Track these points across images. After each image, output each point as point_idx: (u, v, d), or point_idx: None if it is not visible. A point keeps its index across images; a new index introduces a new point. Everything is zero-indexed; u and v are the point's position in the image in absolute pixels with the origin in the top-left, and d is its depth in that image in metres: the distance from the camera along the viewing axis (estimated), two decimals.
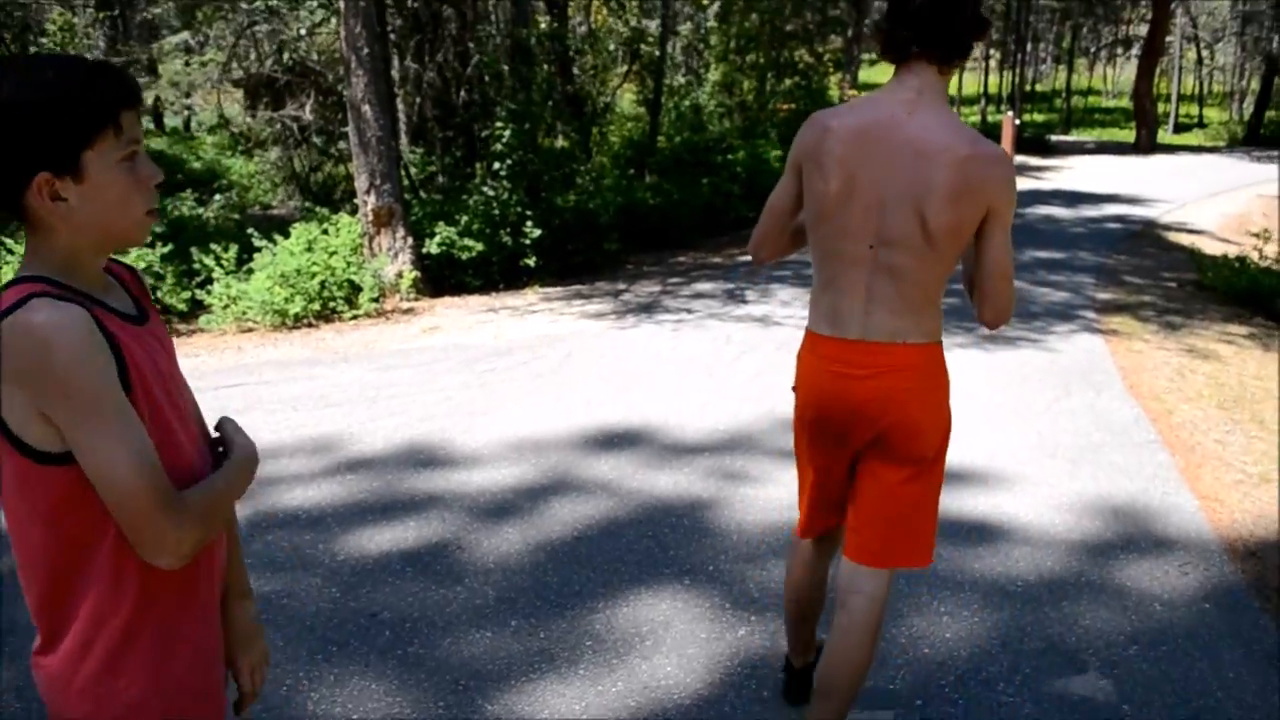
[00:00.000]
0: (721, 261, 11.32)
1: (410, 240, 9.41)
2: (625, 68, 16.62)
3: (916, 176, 2.16)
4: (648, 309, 8.60)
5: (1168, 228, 15.82)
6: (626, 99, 19.27)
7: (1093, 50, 48.86)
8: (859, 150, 2.21)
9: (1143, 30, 35.99)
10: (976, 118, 37.01)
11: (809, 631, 2.84)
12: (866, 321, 2.28)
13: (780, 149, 16.29)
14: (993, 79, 42.37)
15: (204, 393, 6.13)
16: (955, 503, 4.47)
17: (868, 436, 2.35)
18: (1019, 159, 25.97)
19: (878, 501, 2.41)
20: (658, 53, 15.45)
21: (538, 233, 9.96)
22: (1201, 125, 39.94)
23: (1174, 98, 40.87)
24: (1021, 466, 5.07)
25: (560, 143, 15.52)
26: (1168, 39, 36.84)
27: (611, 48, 16.53)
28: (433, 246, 9.62)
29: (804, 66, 19.11)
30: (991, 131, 28.54)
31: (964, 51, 2.23)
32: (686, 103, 17.37)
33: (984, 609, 3.68)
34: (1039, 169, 24.31)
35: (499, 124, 10.21)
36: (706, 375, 6.53)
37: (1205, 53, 46.70)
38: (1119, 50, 50.73)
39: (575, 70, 16.23)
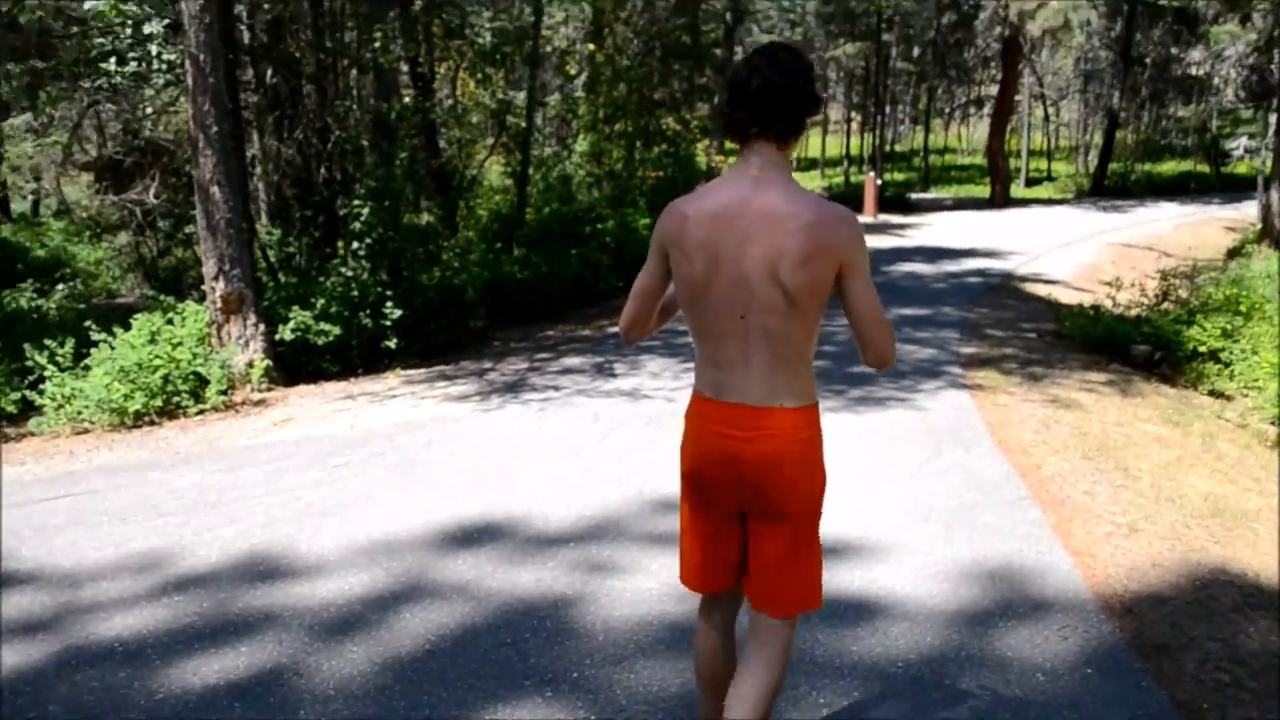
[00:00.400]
0: (590, 334, 11.14)
1: (262, 327, 8.97)
2: (492, 140, 16.47)
3: (770, 246, 2.33)
4: (514, 388, 8.33)
5: (1025, 279, 16.31)
6: (495, 171, 19.14)
7: (947, 110, 50.93)
8: (716, 231, 2.37)
9: (993, 90, 37.66)
10: (840, 179, 38.11)
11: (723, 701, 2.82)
12: (745, 387, 2.44)
13: (649, 216, 16.31)
14: (854, 141, 43.82)
15: (23, 508, 5.66)
16: (833, 578, 4.26)
17: (749, 494, 2.50)
18: (882, 218, 26.70)
19: (767, 556, 2.57)
20: (524, 124, 15.33)
21: (398, 313, 9.63)
22: (1051, 179, 41.82)
23: (1024, 153, 42.77)
24: (897, 534, 4.94)
25: (425, 219, 15.27)
26: (1016, 98, 38.65)
27: (475, 120, 16.38)
28: (286, 332, 9.19)
29: (671, 134, 19.28)
30: (856, 191, 29.34)
31: (799, 129, 2.42)
32: (555, 173, 17.31)
33: (865, 695, 3.49)
34: (901, 227, 24.98)
35: (357, 202, 9.88)
36: (573, 457, 6.28)
37: (1051, 110, 49.15)
38: (972, 110, 53.03)
39: (442, 144, 16.05)
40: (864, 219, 26.19)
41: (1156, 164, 43.08)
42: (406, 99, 14.90)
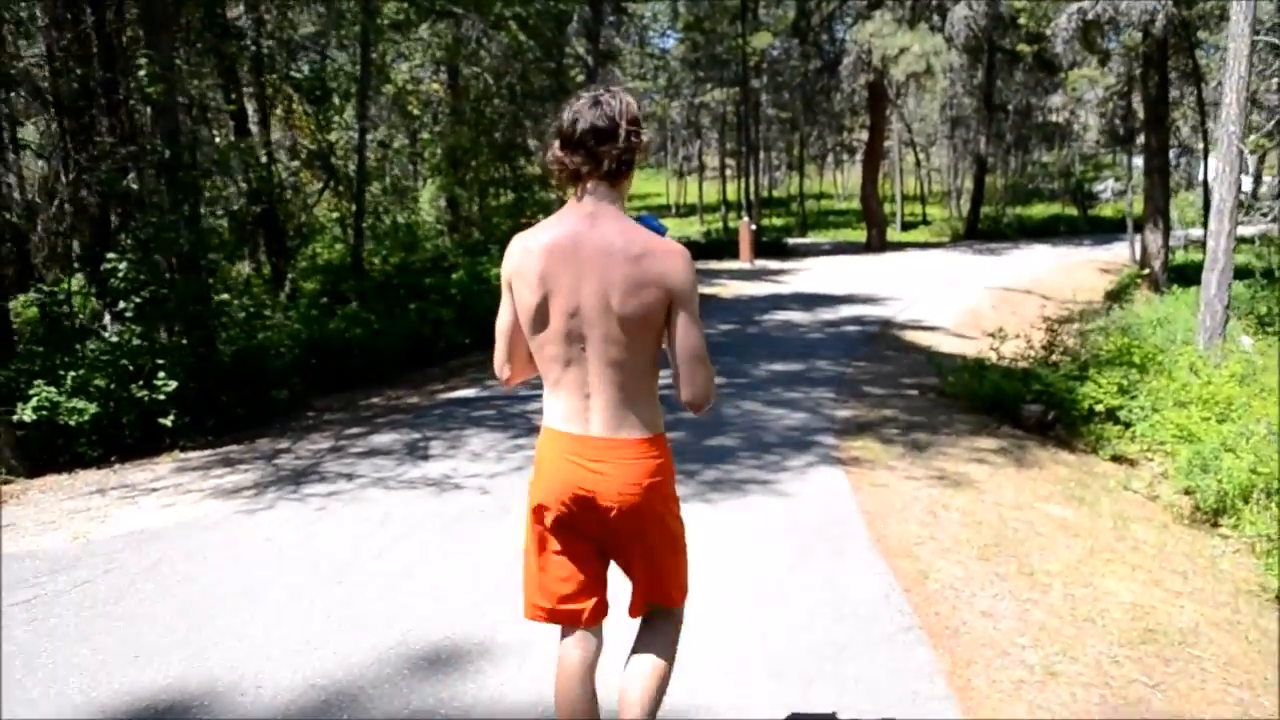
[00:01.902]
0: (419, 401, 9.65)
1: None
2: (320, 185, 14.93)
3: (603, 277, 2.41)
4: (300, 477, 6.81)
5: (905, 326, 15.44)
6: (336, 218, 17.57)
7: (820, 156, 51.06)
8: (553, 264, 2.43)
9: (864, 136, 37.56)
10: (719, 224, 37.44)
11: None
12: (592, 418, 2.49)
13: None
14: (732, 186, 43.33)
15: None
16: None
17: (605, 523, 2.54)
18: (759, 263, 25.86)
19: (645, 559, 2.66)
20: (355, 167, 13.84)
21: (172, 385, 8.01)
22: (926, 223, 42.00)
23: (898, 198, 42.93)
24: (736, 698, 3.62)
25: (245, 270, 13.62)
26: (887, 143, 38.68)
27: (295, 163, 14.83)
28: (27, 412, 7.50)
29: (527, 179, 18.00)
30: (733, 237, 28.56)
31: (628, 168, 2.49)
32: (393, 220, 15.86)
33: None
34: (778, 272, 24.13)
35: (112, 256, 8.25)
36: (333, 583, 4.81)
37: (922, 155, 49.70)
38: (845, 156, 53.35)
39: (274, 189, 14.46)
40: (740, 265, 25.34)
41: (1026, 207, 43.74)
42: (219, 139, 13.36)
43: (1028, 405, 8.57)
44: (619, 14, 32.76)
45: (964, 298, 19.62)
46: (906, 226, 40.49)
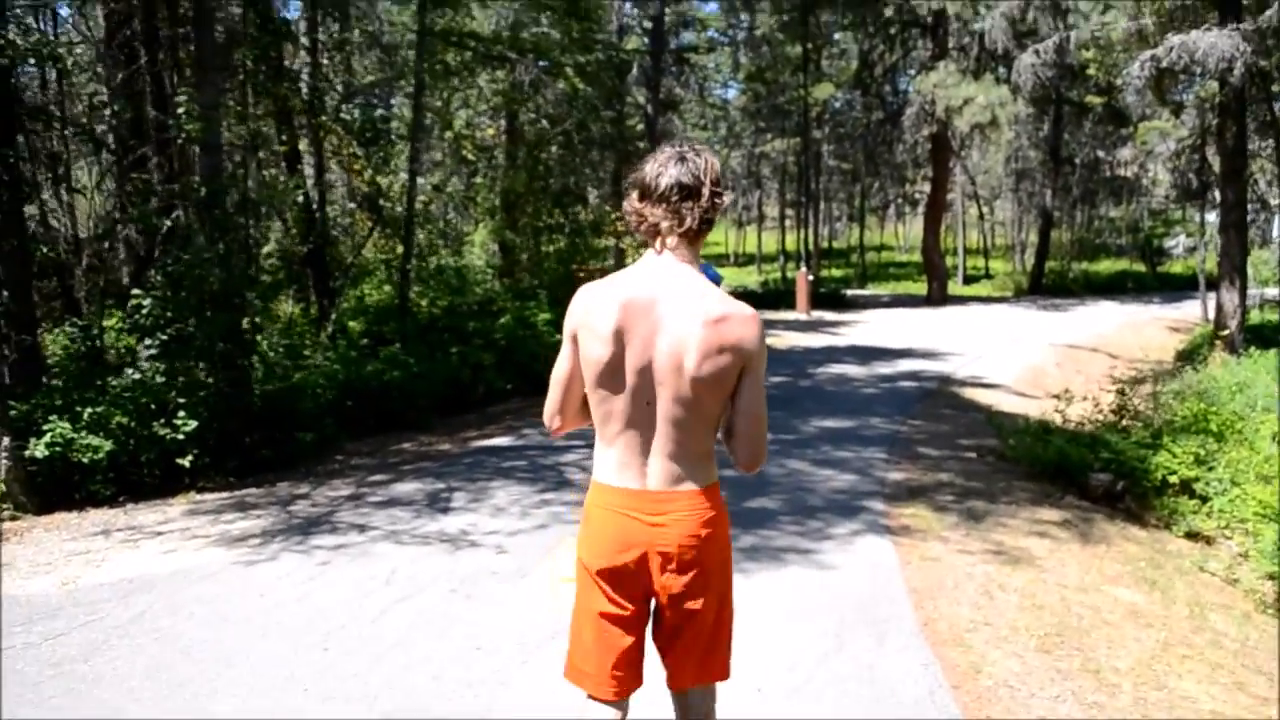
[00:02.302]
0: (451, 448, 9.30)
1: (5, 441, 7.07)
2: (369, 226, 14.78)
3: (678, 337, 2.38)
4: (312, 526, 6.45)
5: (964, 383, 14.83)
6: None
7: (881, 209, 50.50)
8: (626, 318, 2.39)
9: (926, 188, 36.99)
10: (777, 274, 37.02)
11: None
12: (650, 473, 2.45)
13: (551, 311, 14.65)
14: (791, 237, 42.94)
15: None
16: None
17: (661, 578, 2.47)
18: (816, 314, 25.37)
19: (693, 628, 2.53)
20: (404, 209, 13.65)
21: (192, 424, 7.74)
22: (989, 276, 41.18)
23: (960, 251, 42.17)
24: None
25: (289, 309, 13.46)
26: (950, 195, 38.05)
27: (350, 205, 14.71)
28: (39, 448, 7.26)
29: (581, 226, 17.71)
30: (790, 287, 28.16)
31: (708, 225, 2.47)
32: (440, 262, 15.65)
33: None
34: (835, 324, 23.61)
35: (137, 292, 8.04)
36: (319, 650, 4.41)
37: (986, 209, 48.90)
38: (907, 209, 52.77)
39: (322, 229, 14.34)
40: (796, 315, 24.88)
41: (1093, 263, 42.75)
42: (268, 179, 13.28)
43: (1095, 474, 7.97)
44: (680, 64, 32.75)
45: (1027, 355, 18.94)
46: (969, 280, 39.70)
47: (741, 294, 29.76)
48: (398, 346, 12.19)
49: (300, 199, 13.03)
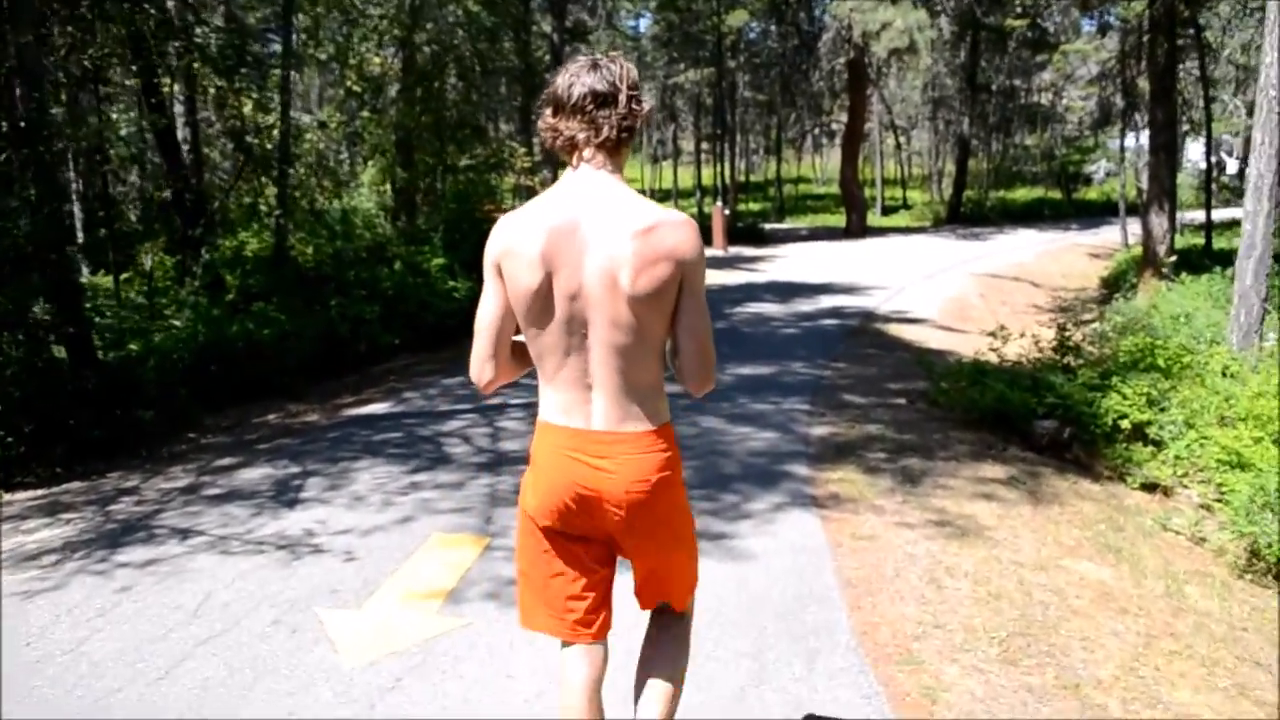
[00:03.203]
0: (319, 419, 8.18)
1: None
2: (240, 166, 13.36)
3: (609, 254, 2.18)
4: (126, 533, 5.33)
5: (887, 319, 14.06)
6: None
7: (799, 140, 49.59)
8: (552, 243, 2.20)
9: (844, 120, 36.10)
10: (695, 209, 35.99)
11: None
12: (594, 410, 2.27)
13: (444, 257, 13.46)
14: (708, 172, 41.85)
15: None
16: None
17: (611, 523, 2.32)
18: (733, 250, 24.48)
19: (653, 561, 2.44)
20: (271, 146, 12.29)
21: None
22: (907, 207, 40.69)
23: (879, 182, 41.56)
24: None
25: (154, 263, 12.09)
26: (867, 126, 37.23)
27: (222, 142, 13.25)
28: None
29: (478, 162, 16.43)
30: (705, 223, 27.23)
31: (629, 134, 2.28)
32: (331, 205, 14.34)
33: None
34: (753, 260, 22.73)
35: None
36: None
37: (903, 139, 48.32)
38: (824, 140, 51.91)
39: (186, 171, 12.91)
40: (713, 252, 23.91)
41: (1009, 191, 42.51)
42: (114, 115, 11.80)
43: (1040, 421, 7.17)
44: None
45: (949, 286, 18.30)
46: (887, 211, 39.15)
47: None
48: (270, 302, 10.95)
49: (148, 137, 11.58)
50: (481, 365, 2.36)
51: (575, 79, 2.26)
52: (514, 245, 2.24)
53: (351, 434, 7.38)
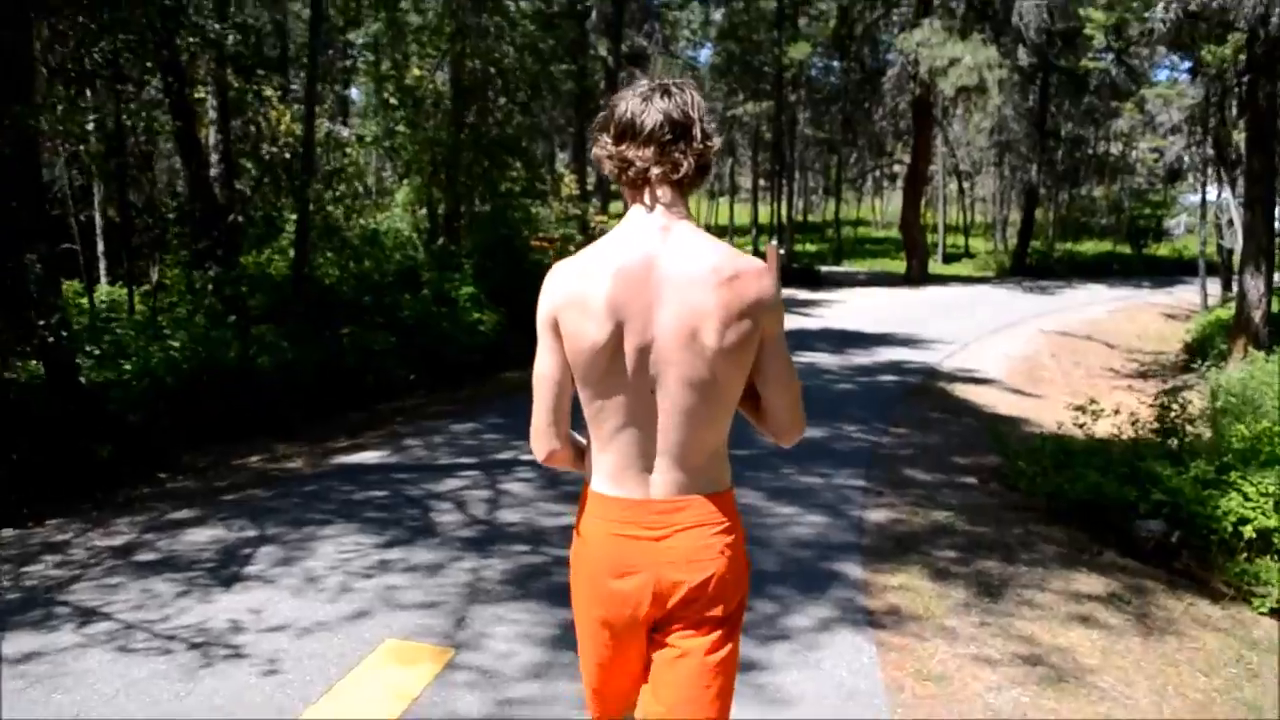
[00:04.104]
0: (300, 467, 7.20)
1: None
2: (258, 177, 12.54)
3: (686, 305, 1.95)
4: (24, 608, 4.36)
5: (951, 377, 12.89)
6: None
7: (859, 181, 48.43)
8: (623, 290, 1.95)
9: (906, 160, 34.95)
10: (749, 248, 35.00)
11: None
12: (654, 477, 2.03)
13: (474, 286, 12.54)
14: (764, 209, 40.88)
15: None
16: None
17: (667, 603, 2.04)
18: (787, 293, 23.32)
19: (688, 679, 2.06)
20: (290, 156, 11.46)
21: None
22: (969, 255, 39.37)
23: (941, 228, 40.28)
24: None
25: (156, 276, 11.28)
26: (931, 168, 36.06)
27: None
28: None
29: (514, 185, 15.50)
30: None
31: (703, 173, 2.05)
32: (353, 225, 13.51)
33: None
34: (806, 304, 21.65)
35: None
36: None
37: (966, 184, 47.01)
38: (886, 182, 50.75)
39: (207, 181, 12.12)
40: None
41: (1076, 243, 41.06)
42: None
43: (1143, 522, 5.98)
44: (647, 18, 30.40)
45: (1018, 343, 17.10)
46: (949, 258, 37.87)
47: None
48: (278, 326, 10.06)
49: (158, 140, 10.77)
50: (544, 434, 2.10)
51: (647, 104, 2.01)
52: (576, 294, 1.99)
53: (331, 489, 6.38)
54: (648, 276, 1.97)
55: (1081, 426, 7.77)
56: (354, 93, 23.81)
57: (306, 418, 8.76)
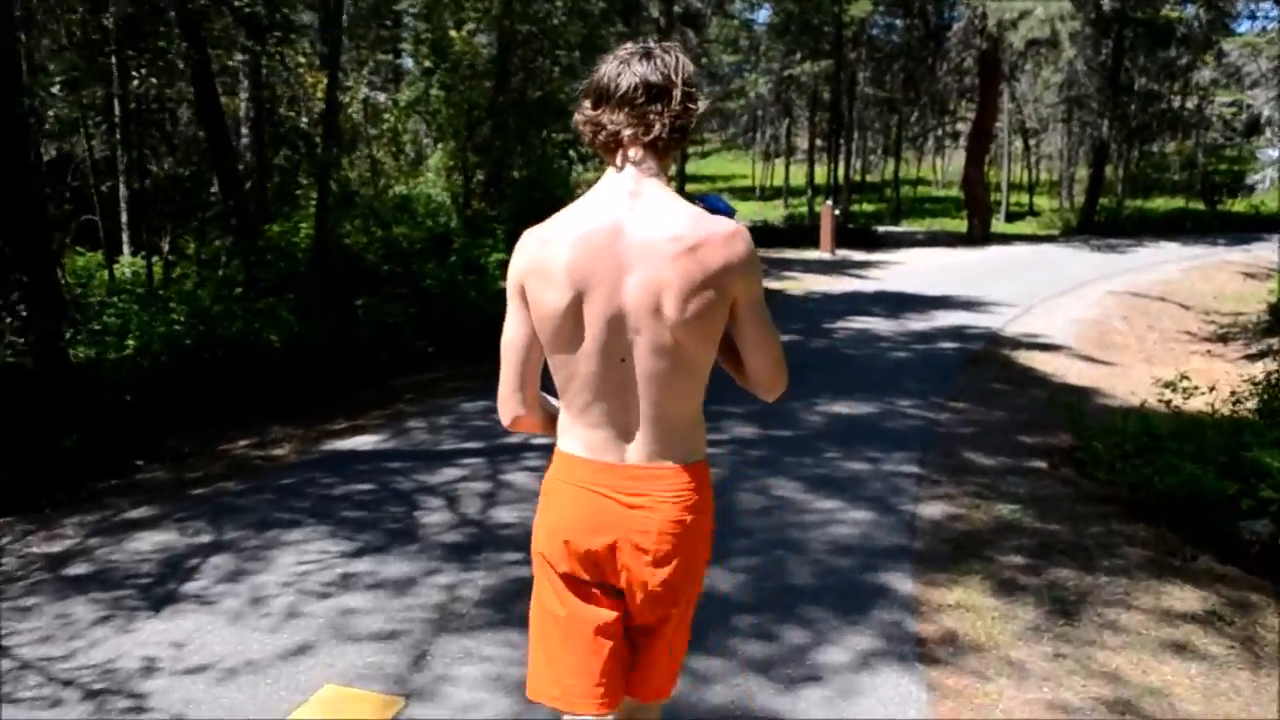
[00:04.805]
0: (285, 454, 6.54)
1: None
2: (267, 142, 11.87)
3: (651, 274, 1.90)
4: None
5: (1015, 343, 11.92)
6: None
7: (919, 140, 46.83)
8: (586, 258, 1.92)
9: (968, 122, 33.48)
10: (804, 208, 33.93)
11: None
12: (626, 444, 1.99)
13: (504, 253, 11.81)
14: (820, 170, 39.68)
15: None
16: None
17: (634, 572, 2.00)
18: (841, 253, 22.40)
19: (652, 643, 2.10)
20: (308, 122, 10.78)
21: None
22: (1034, 213, 37.83)
23: (1004, 185, 38.74)
24: None
25: (167, 245, 10.72)
26: (996, 126, 34.56)
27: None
28: None
29: (549, 146, 14.71)
30: (814, 221, 25.40)
31: (679, 136, 1.98)
32: (400, 190, 12.87)
33: None
34: (862, 265, 20.63)
35: None
36: None
37: (1032, 141, 45.25)
38: (947, 141, 49.03)
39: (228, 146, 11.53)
40: (819, 255, 21.97)
41: (1146, 200, 39.26)
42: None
43: (1247, 522, 5.10)
44: None
45: (1085, 305, 15.99)
46: (1012, 217, 36.39)
47: (761, 229, 26.77)
48: (269, 300, 9.36)
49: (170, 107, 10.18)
50: (510, 397, 2.06)
51: (625, 67, 1.95)
52: (538, 261, 1.95)
53: (311, 481, 5.71)
54: (613, 243, 1.91)
55: (1168, 404, 6.86)
56: (408, 62, 23.20)
57: (312, 396, 8.11)
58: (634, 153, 1.96)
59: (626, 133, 1.94)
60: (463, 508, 5.21)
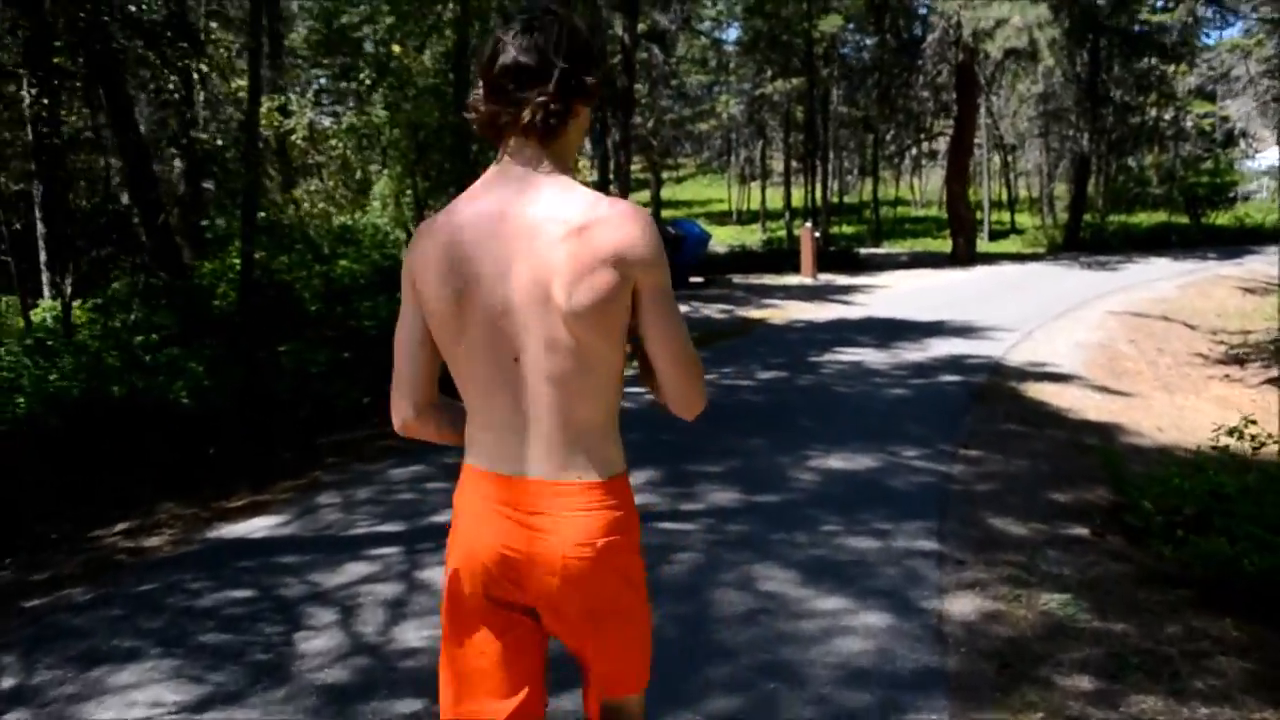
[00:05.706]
0: (163, 544, 5.32)
1: None
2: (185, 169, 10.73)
3: (538, 261, 1.74)
4: None
5: (1022, 373, 10.84)
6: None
7: (896, 159, 46.06)
8: (470, 248, 1.77)
9: (945, 141, 32.70)
10: (781, 231, 33.01)
11: None
12: (530, 454, 1.80)
13: None
14: (797, 192, 38.75)
15: None
16: None
17: (547, 595, 1.82)
18: (824, 278, 21.37)
19: (599, 644, 1.90)
20: (236, 148, 9.63)
21: None
22: (1017, 231, 37.06)
23: (986, 203, 37.95)
24: None
25: (69, 290, 9.53)
26: (974, 141, 33.80)
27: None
28: None
29: None
30: (793, 245, 24.42)
31: (562, 119, 1.78)
32: (339, 220, 11.75)
33: None
34: (846, 290, 19.59)
35: None
36: None
37: (1010, 158, 44.57)
38: (924, 160, 48.33)
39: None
40: (800, 280, 20.93)
41: (1129, 215, 38.57)
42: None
43: None
44: None
45: (1088, 328, 14.98)
46: (995, 236, 35.61)
47: (740, 254, 25.77)
48: (171, 351, 8.18)
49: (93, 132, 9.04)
50: (394, 406, 1.91)
51: (502, 47, 1.77)
52: (422, 254, 1.80)
53: (177, 585, 4.51)
54: (495, 232, 1.76)
55: (1224, 449, 5.77)
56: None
57: (219, 462, 6.92)
58: (513, 142, 1.80)
59: (504, 121, 1.78)
60: (359, 624, 4.02)
